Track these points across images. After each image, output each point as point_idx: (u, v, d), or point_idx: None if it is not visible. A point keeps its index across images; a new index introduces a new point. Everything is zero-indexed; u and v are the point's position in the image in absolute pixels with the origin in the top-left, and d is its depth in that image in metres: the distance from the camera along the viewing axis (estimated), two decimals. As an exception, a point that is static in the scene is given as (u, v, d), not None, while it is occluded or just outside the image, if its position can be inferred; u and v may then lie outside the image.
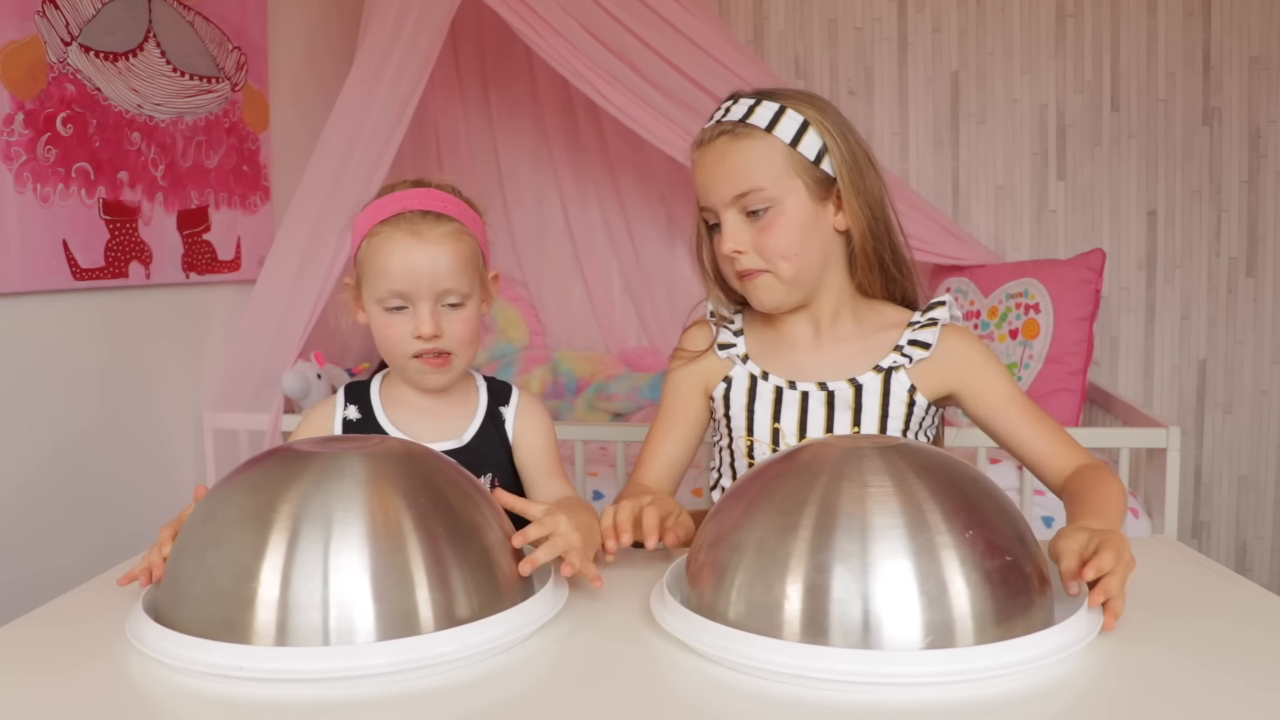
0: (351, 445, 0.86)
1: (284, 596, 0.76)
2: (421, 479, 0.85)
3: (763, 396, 1.23)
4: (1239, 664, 0.76)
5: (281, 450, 0.87)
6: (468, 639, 0.78)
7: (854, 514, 0.77)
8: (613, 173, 3.02)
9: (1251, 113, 2.73)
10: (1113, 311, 2.82)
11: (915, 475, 0.80)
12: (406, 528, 0.80)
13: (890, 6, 2.86)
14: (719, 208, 1.17)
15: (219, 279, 2.19)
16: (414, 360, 1.18)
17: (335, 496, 0.80)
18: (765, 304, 1.20)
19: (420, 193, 1.20)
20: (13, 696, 0.75)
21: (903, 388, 1.20)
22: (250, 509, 0.80)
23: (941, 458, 0.85)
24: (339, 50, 2.64)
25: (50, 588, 1.02)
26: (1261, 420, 2.80)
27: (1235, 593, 0.94)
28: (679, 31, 2.37)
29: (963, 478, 0.82)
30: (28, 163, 1.70)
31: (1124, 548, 0.85)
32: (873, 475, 0.80)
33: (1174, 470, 1.89)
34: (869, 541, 0.76)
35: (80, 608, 0.94)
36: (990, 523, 0.79)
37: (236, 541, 0.79)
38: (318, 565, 0.77)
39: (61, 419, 1.81)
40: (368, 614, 0.77)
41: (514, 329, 3.01)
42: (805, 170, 1.16)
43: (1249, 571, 2.80)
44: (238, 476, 0.85)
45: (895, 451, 0.83)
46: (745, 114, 1.17)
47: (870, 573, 0.75)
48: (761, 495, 0.83)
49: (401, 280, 1.15)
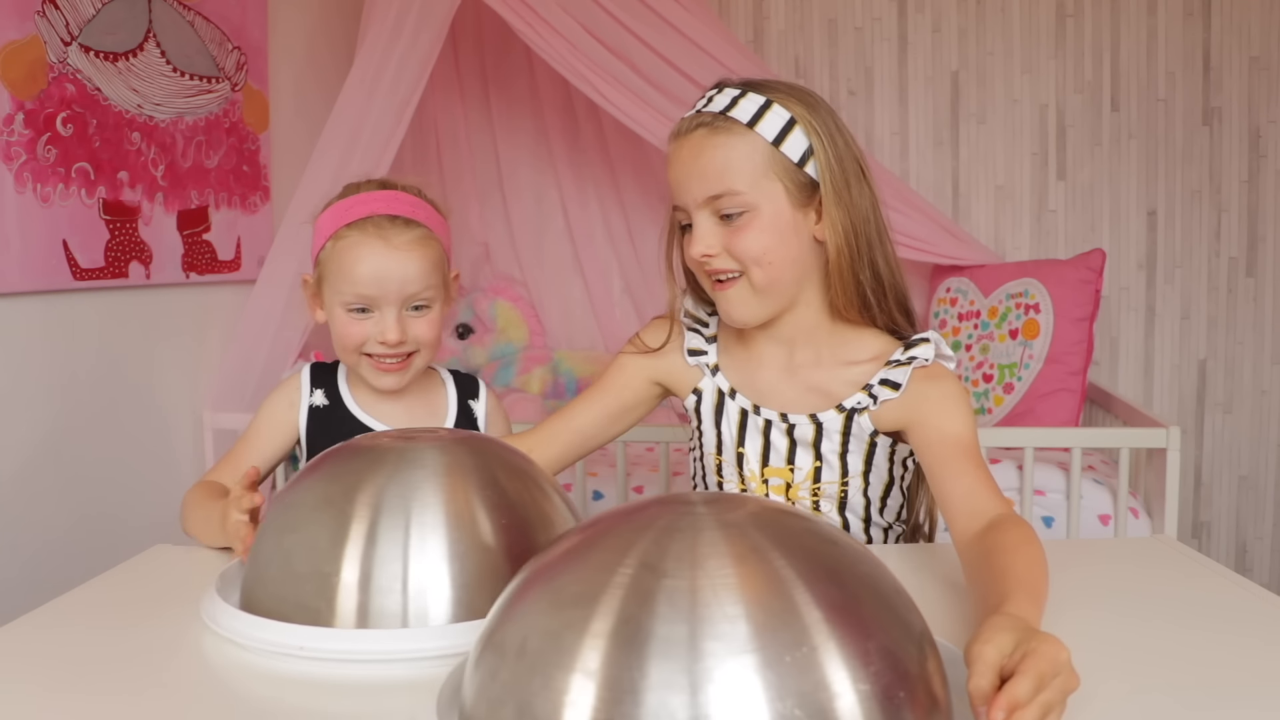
0: (428, 438, 0.88)
1: (364, 581, 0.79)
2: (490, 470, 0.87)
3: (729, 416, 1.17)
4: (1239, 664, 0.76)
5: (357, 443, 0.90)
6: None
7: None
8: (613, 173, 3.02)
9: (1251, 113, 2.73)
10: (1113, 311, 2.82)
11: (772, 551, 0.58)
12: (479, 515, 0.83)
13: (890, 6, 2.86)
14: (691, 208, 1.09)
15: (219, 279, 2.19)
16: (366, 359, 1.17)
17: (411, 486, 0.83)
18: (735, 317, 1.11)
19: (388, 196, 1.18)
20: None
21: (865, 430, 1.12)
22: (326, 498, 0.83)
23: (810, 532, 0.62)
24: (339, 50, 2.64)
25: (50, 587, 1.02)
26: (1261, 420, 2.80)
27: (1235, 593, 0.94)
28: (679, 31, 2.37)
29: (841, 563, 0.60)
30: (28, 163, 1.70)
31: (1055, 662, 0.63)
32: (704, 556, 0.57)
33: (1174, 470, 1.89)
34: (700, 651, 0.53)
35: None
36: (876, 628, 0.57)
37: (315, 528, 0.82)
38: (398, 552, 0.80)
39: (61, 419, 1.81)
40: (443, 598, 0.79)
41: (514, 329, 3.01)
42: (786, 173, 1.07)
43: (1249, 571, 2.80)
44: (315, 469, 0.88)
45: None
46: (727, 106, 1.08)
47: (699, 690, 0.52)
48: (554, 573, 0.61)
49: (369, 286, 1.13)
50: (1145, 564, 1.03)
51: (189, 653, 0.82)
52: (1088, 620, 0.86)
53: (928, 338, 1.12)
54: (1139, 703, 0.71)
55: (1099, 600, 0.91)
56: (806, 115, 1.08)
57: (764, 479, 1.17)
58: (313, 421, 1.22)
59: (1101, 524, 1.98)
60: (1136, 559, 1.06)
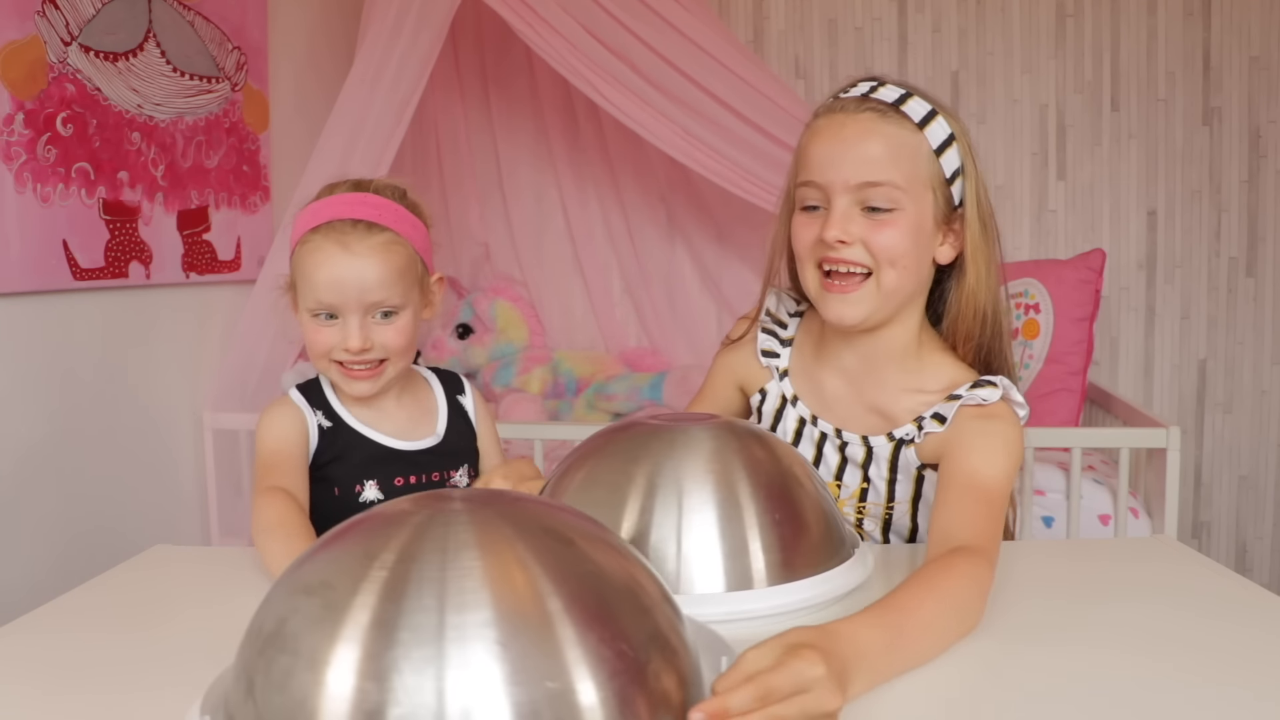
0: (694, 420, 0.94)
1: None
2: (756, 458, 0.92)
3: (786, 423, 1.17)
4: (1239, 664, 0.76)
5: (635, 424, 0.95)
6: (800, 593, 0.86)
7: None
8: (613, 173, 3.02)
9: (1251, 113, 2.73)
10: (1113, 311, 2.82)
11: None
12: (744, 498, 0.88)
13: (890, 6, 2.86)
14: (834, 188, 1.02)
15: (219, 279, 2.19)
16: (335, 366, 1.14)
17: (685, 467, 0.88)
18: (848, 316, 1.05)
19: (354, 199, 1.14)
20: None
21: (911, 464, 1.09)
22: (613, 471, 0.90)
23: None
24: (339, 50, 2.64)
25: (49, 587, 1.02)
26: (1261, 420, 2.80)
27: (1235, 593, 0.93)
28: (679, 31, 2.37)
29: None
30: (28, 163, 1.70)
31: (799, 680, 0.62)
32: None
33: (1174, 470, 1.89)
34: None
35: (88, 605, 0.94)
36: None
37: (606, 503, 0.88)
38: (672, 525, 0.86)
39: (61, 419, 1.81)
40: (716, 569, 0.85)
41: (514, 329, 3.01)
42: (940, 185, 1.04)
43: (1249, 571, 2.80)
44: (594, 448, 0.94)
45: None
46: (898, 100, 1.04)
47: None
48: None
49: (328, 293, 1.11)
50: (1145, 564, 1.03)
51: (192, 652, 0.81)
52: (1087, 620, 0.86)
53: (995, 382, 1.05)
54: (1139, 702, 0.71)
55: (1099, 600, 0.91)
56: (963, 134, 1.06)
57: None
58: (322, 442, 1.19)
59: (1101, 524, 1.98)
60: (1136, 559, 1.06)
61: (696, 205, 2.95)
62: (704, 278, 3.03)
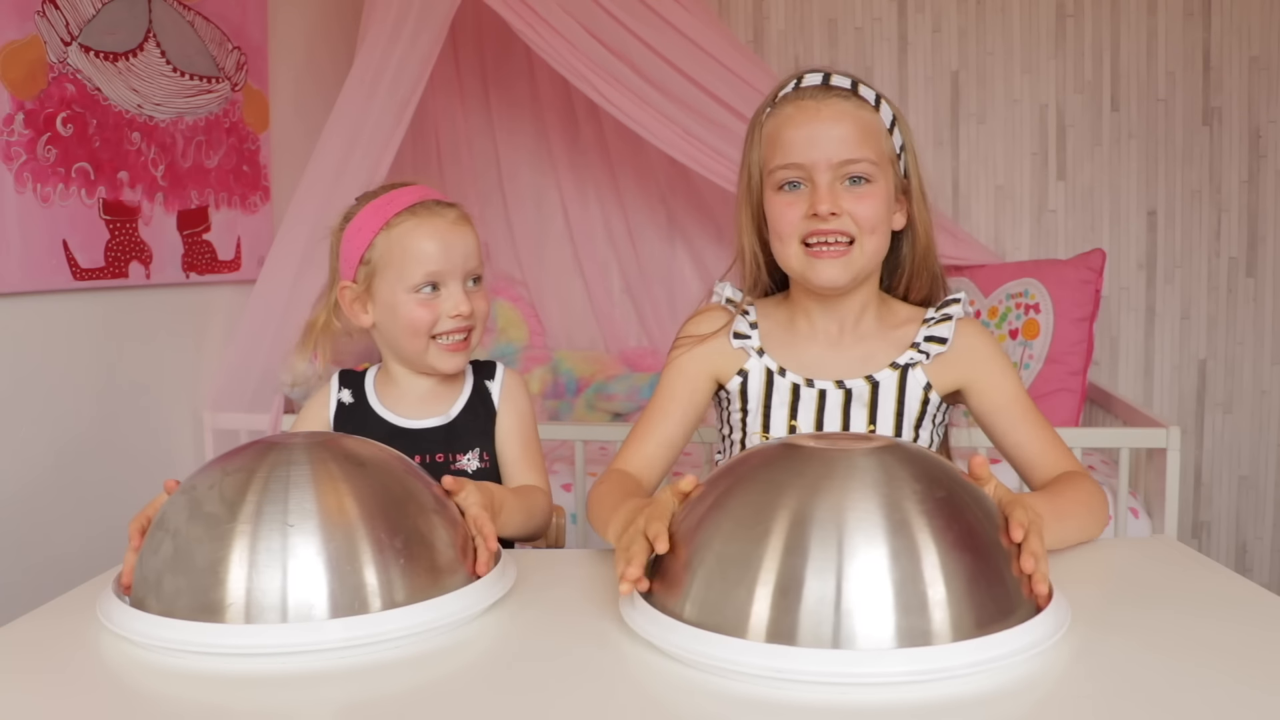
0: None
1: (249, 580, 0.82)
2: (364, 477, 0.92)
3: (780, 393, 1.21)
4: (1239, 664, 0.76)
5: (258, 443, 0.92)
6: (413, 618, 0.83)
7: (830, 518, 0.75)
8: (613, 173, 3.02)
9: (1251, 113, 2.73)
10: (1113, 311, 2.82)
11: (901, 476, 0.78)
12: (354, 518, 0.85)
13: (890, 6, 2.86)
14: (818, 167, 1.12)
15: (219, 279, 2.19)
16: (434, 343, 1.21)
17: (290, 490, 0.85)
18: (838, 279, 1.14)
19: (418, 189, 1.25)
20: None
21: (918, 385, 1.19)
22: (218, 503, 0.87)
23: (927, 459, 0.82)
24: (339, 50, 2.64)
25: (50, 587, 1.02)
26: (1261, 420, 2.80)
27: (1235, 593, 0.93)
28: (679, 31, 2.37)
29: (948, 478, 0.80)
30: (28, 163, 1.70)
31: (1026, 508, 0.82)
32: (854, 477, 0.77)
33: (1174, 470, 1.89)
34: (844, 540, 0.73)
35: (74, 607, 0.94)
36: (971, 525, 0.77)
37: (202, 531, 0.85)
38: (277, 552, 0.82)
39: (61, 419, 1.81)
40: (322, 594, 0.81)
41: (514, 329, 3.01)
42: (892, 160, 1.16)
43: (1249, 571, 2.80)
44: (206, 472, 0.90)
45: (886, 452, 0.80)
46: (852, 86, 1.16)
47: (844, 573, 0.72)
48: (734, 492, 0.81)
49: (438, 261, 1.19)
50: (1145, 564, 1.03)
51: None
52: (1087, 620, 0.86)
53: (958, 298, 1.22)
54: (1139, 702, 0.71)
55: (1099, 600, 0.91)
56: (901, 115, 1.20)
57: None
58: (339, 416, 1.28)
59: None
60: (1136, 559, 1.06)
61: (696, 205, 2.95)
62: (704, 278, 3.03)
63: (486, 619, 0.88)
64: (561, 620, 0.88)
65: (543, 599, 0.93)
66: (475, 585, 0.88)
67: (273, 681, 0.76)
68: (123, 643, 0.82)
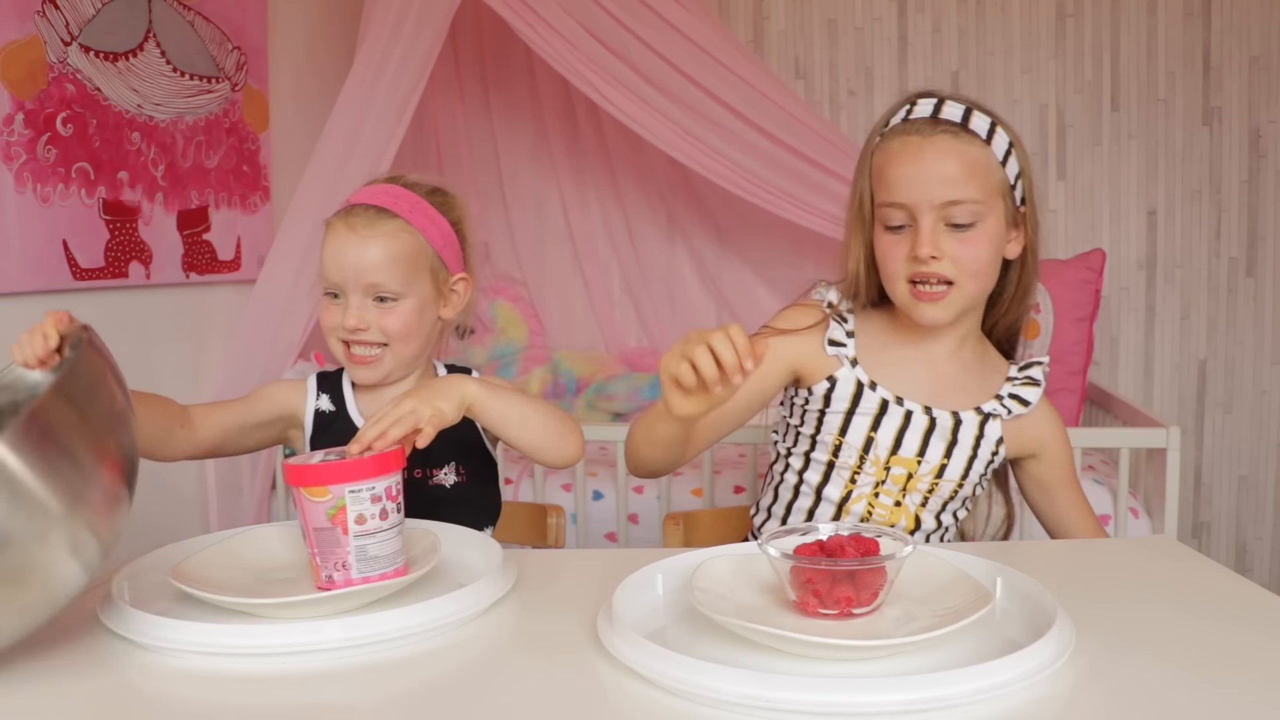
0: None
1: None
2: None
3: (866, 405, 1.20)
4: (1239, 664, 0.76)
5: None
6: (413, 618, 0.83)
7: None
8: (613, 173, 3.02)
9: (1251, 113, 2.73)
10: (1113, 311, 2.82)
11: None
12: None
13: (890, 6, 2.86)
14: (920, 208, 1.11)
15: (219, 279, 2.19)
16: (341, 348, 1.19)
17: None
18: (936, 319, 1.15)
19: (378, 189, 1.20)
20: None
21: (993, 438, 1.21)
22: None
23: None
24: (339, 50, 2.64)
25: (50, 588, 1.02)
26: (1261, 420, 2.80)
27: (1235, 593, 0.94)
28: (679, 31, 2.37)
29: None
30: (28, 163, 1.70)
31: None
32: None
33: (1174, 470, 1.89)
34: None
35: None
36: None
37: None
38: None
39: (61, 419, 1.81)
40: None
41: (514, 329, 3.01)
42: (1007, 192, 1.14)
43: (1249, 571, 2.80)
44: None
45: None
46: (964, 117, 1.14)
47: None
48: None
49: (332, 270, 1.17)
50: (1145, 564, 1.03)
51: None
52: (1087, 620, 0.86)
53: (1043, 361, 1.24)
54: (1138, 702, 0.71)
55: (1099, 600, 0.91)
56: (1018, 140, 1.17)
57: (887, 466, 1.20)
58: (317, 424, 1.24)
59: (1101, 524, 1.98)
60: (1136, 559, 1.06)
61: (696, 205, 2.95)
62: (704, 278, 3.03)
63: (486, 619, 0.88)
64: (561, 620, 0.88)
65: (543, 599, 0.93)
66: (475, 585, 0.88)
67: (273, 681, 0.76)
68: (123, 643, 0.82)
